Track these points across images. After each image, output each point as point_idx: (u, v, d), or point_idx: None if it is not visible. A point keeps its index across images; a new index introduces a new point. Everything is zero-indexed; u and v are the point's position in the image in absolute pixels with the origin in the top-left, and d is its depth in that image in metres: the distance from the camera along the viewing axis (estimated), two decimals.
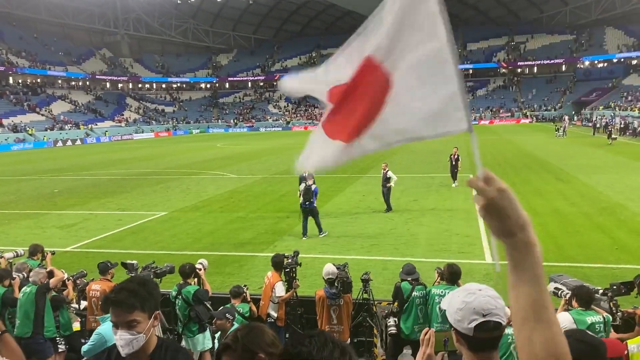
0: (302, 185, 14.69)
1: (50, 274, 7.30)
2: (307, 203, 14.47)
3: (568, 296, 5.76)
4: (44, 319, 7.03)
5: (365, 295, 7.70)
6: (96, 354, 2.78)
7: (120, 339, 2.50)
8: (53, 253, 9.27)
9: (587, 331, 4.33)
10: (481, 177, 1.38)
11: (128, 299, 2.48)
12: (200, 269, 7.71)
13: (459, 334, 2.02)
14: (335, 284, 7.00)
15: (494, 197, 1.33)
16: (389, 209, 17.46)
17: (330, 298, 6.95)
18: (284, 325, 7.59)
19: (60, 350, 7.35)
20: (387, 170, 17.43)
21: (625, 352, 4.31)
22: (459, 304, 2.01)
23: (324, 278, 7.08)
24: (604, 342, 2.85)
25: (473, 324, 1.95)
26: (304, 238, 14.41)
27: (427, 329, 2.37)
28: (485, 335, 1.95)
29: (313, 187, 14.52)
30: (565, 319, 5.39)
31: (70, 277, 7.85)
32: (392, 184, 17.46)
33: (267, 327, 2.41)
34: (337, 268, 7.18)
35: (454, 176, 22.06)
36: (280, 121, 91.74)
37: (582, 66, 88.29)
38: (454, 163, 21.98)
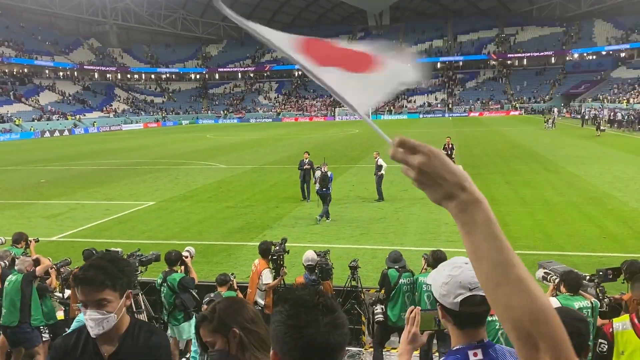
0: (318, 172, 15.41)
1: (37, 262, 7.17)
2: (324, 189, 15.17)
3: (557, 281, 5.74)
4: (31, 307, 6.91)
5: (353, 283, 7.66)
6: (65, 335, 2.66)
7: (90, 319, 2.38)
8: (37, 240, 9.13)
9: (570, 308, 4.30)
10: (397, 145, 1.19)
11: (97, 276, 2.35)
12: (187, 257, 7.62)
13: (445, 310, 1.94)
14: (315, 271, 6.95)
15: (422, 164, 1.16)
16: (380, 198, 17.44)
17: (310, 284, 6.90)
18: (271, 313, 7.52)
19: (44, 339, 7.23)
20: (378, 159, 17.45)
21: (611, 330, 4.29)
22: (444, 278, 1.92)
23: (303, 264, 7.02)
24: (584, 318, 2.79)
25: (459, 299, 1.87)
26: (327, 220, 14.96)
27: (412, 307, 2.28)
28: (471, 309, 1.87)
29: (329, 173, 15.28)
30: (552, 304, 5.37)
31: (54, 266, 7.72)
32: (382, 172, 17.47)
33: (250, 304, 2.32)
34: (318, 255, 7.13)
35: None
36: (271, 112, 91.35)
37: (571, 58, 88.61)
38: (448, 152, 21.99)
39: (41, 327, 7.22)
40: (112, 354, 2.47)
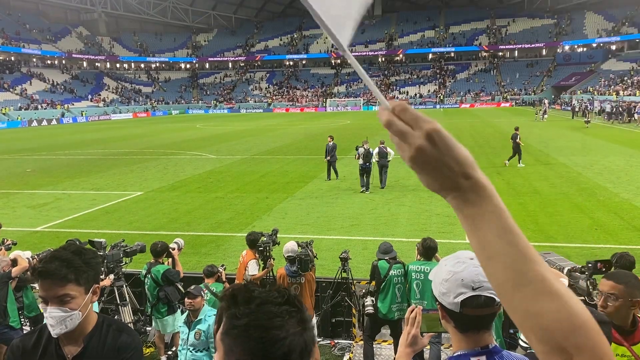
0: (361, 150, 17.25)
1: (14, 262, 6.90)
2: (367, 164, 17.17)
3: None
4: (7, 309, 6.64)
5: (344, 274, 7.51)
6: (25, 335, 2.42)
7: (50, 317, 2.14)
8: (15, 243, 8.72)
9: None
10: (396, 112, 0.97)
11: (59, 269, 2.11)
12: (174, 249, 7.41)
13: (445, 310, 1.73)
14: (296, 262, 6.79)
15: (423, 146, 0.94)
16: (383, 185, 18.01)
17: (291, 276, 6.74)
18: None
19: (25, 332, 7.02)
20: (381, 147, 17.94)
21: None
22: (445, 274, 1.72)
23: (284, 256, 6.86)
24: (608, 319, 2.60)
25: (460, 298, 1.66)
26: (367, 192, 17.18)
27: (413, 306, 2.05)
28: (474, 312, 1.66)
29: (371, 150, 17.27)
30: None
31: (36, 256, 7.47)
32: (374, 160, 17.64)
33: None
34: (300, 246, 6.96)
35: None
36: (262, 103, 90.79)
37: (562, 51, 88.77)
38: None
39: (22, 320, 7.00)
40: (77, 356, 2.26)
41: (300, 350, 1.14)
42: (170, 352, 7.33)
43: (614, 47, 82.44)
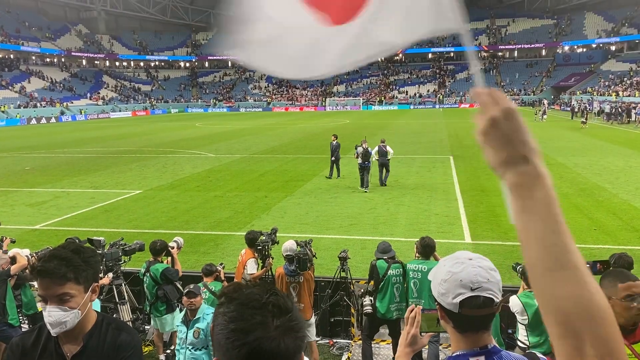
0: (360, 149, 17.65)
1: (13, 260, 6.89)
2: (366, 162, 17.50)
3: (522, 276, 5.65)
4: (6, 306, 6.63)
5: (342, 274, 7.50)
6: (24, 333, 2.42)
7: (50, 316, 2.14)
8: (13, 241, 8.71)
9: None
10: (487, 92, 1.12)
11: (59, 268, 2.11)
12: (173, 247, 7.40)
13: (444, 310, 1.73)
14: (294, 261, 6.78)
15: (496, 119, 1.08)
16: (383, 183, 18.27)
17: (290, 275, 6.73)
18: None
19: (24, 330, 7.01)
20: (381, 146, 18.21)
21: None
22: (444, 275, 1.71)
23: (283, 255, 6.86)
24: None
25: (458, 299, 1.65)
26: (366, 190, 17.31)
27: (412, 306, 2.06)
28: (473, 312, 1.66)
29: (369, 149, 17.65)
30: (513, 304, 5.25)
31: (34, 254, 7.46)
32: (374, 159, 17.94)
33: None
34: (299, 245, 6.95)
35: None
36: (261, 102, 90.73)
37: (561, 51, 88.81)
38: None
39: (20, 318, 6.99)
40: (76, 355, 2.25)
41: (274, 354, 1.15)
42: (168, 351, 7.32)
43: (613, 48, 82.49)
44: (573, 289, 0.97)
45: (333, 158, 19.83)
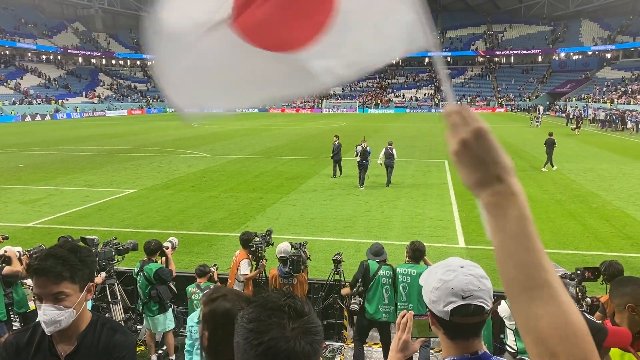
0: (359, 148, 18.36)
1: (7, 260, 6.82)
2: (364, 161, 18.32)
3: None
4: None
5: (336, 277, 7.50)
6: (18, 331, 2.41)
7: (44, 315, 2.13)
8: (6, 238, 8.67)
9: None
10: (457, 110, 1.09)
11: (55, 267, 2.10)
12: (167, 247, 7.38)
13: (435, 317, 1.74)
14: (288, 263, 6.78)
15: (468, 138, 1.06)
16: (388, 183, 18.75)
17: (283, 277, 6.73)
18: None
19: (15, 328, 6.97)
20: (388, 148, 18.73)
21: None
22: (436, 282, 1.72)
23: (277, 256, 6.86)
24: (604, 328, 2.59)
25: (450, 307, 1.67)
26: (361, 187, 18.23)
27: (404, 311, 2.06)
28: (463, 320, 1.67)
29: (368, 148, 18.28)
30: (502, 309, 5.25)
31: (26, 252, 7.42)
32: (380, 162, 18.74)
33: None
34: (294, 247, 6.95)
35: None
36: None
37: (557, 58, 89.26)
38: None
39: (12, 316, 6.95)
40: (70, 354, 2.24)
41: (289, 354, 1.21)
42: (160, 351, 7.30)
43: (609, 55, 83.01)
44: (547, 308, 0.97)
45: (335, 157, 20.26)
